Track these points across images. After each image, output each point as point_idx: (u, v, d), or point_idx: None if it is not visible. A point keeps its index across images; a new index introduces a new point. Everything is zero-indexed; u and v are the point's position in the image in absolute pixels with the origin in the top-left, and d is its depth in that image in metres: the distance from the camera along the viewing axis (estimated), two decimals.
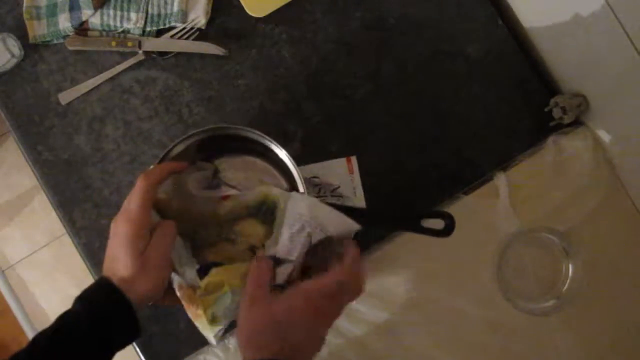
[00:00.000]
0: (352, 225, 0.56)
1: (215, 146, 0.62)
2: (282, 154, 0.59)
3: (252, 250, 0.60)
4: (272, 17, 0.70)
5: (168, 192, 0.59)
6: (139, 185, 0.53)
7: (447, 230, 0.55)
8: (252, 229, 0.61)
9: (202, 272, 0.57)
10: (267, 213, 0.60)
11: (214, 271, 0.57)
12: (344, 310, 0.53)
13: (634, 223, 0.69)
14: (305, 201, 0.57)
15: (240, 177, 0.64)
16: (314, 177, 0.68)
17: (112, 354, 0.51)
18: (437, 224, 0.55)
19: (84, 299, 0.51)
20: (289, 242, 0.57)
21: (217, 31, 0.71)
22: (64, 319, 0.50)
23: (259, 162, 0.65)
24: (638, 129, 0.61)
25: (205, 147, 0.62)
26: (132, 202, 0.52)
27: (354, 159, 0.68)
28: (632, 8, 0.50)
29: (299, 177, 0.59)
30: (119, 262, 0.51)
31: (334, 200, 0.67)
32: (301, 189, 0.59)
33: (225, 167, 0.64)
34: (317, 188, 0.68)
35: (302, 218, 0.56)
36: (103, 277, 0.52)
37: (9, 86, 0.72)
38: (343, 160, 0.68)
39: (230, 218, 0.61)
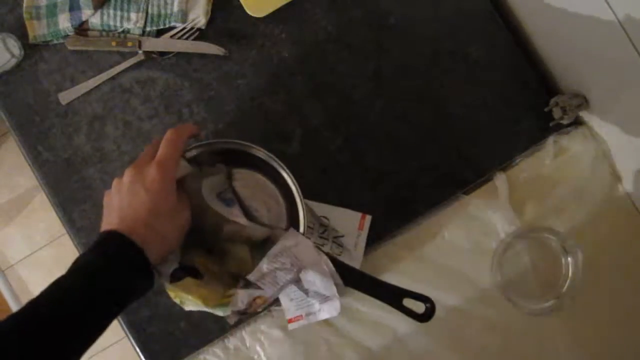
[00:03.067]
0: (337, 281, 0.56)
1: (230, 156, 0.62)
2: (294, 188, 0.59)
3: (236, 278, 0.60)
4: (272, 17, 0.70)
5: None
6: (170, 138, 0.53)
7: (427, 315, 0.55)
8: (243, 254, 0.61)
9: (180, 273, 0.57)
10: (262, 248, 0.60)
11: (187, 281, 0.57)
12: None
13: (634, 223, 0.69)
14: (298, 239, 0.57)
15: (248, 193, 0.63)
16: (324, 216, 0.68)
17: (126, 306, 0.50)
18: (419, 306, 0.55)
19: (101, 252, 0.49)
20: (265, 269, 0.57)
21: (217, 31, 0.71)
22: (80, 274, 0.49)
23: (269, 185, 0.64)
24: (638, 129, 0.61)
25: (219, 155, 0.61)
26: (164, 151, 0.52)
27: (368, 218, 0.68)
28: (632, 8, 0.50)
29: (303, 216, 0.59)
30: (140, 211, 0.50)
31: (333, 246, 0.68)
32: (301, 227, 0.59)
33: (236, 177, 0.64)
34: (322, 228, 0.68)
35: (289, 251, 0.57)
36: (114, 230, 0.50)
37: (9, 86, 0.72)
38: (358, 215, 0.68)
39: (228, 238, 0.61)
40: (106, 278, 0.48)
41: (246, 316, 0.61)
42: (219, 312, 0.60)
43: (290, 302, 0.65)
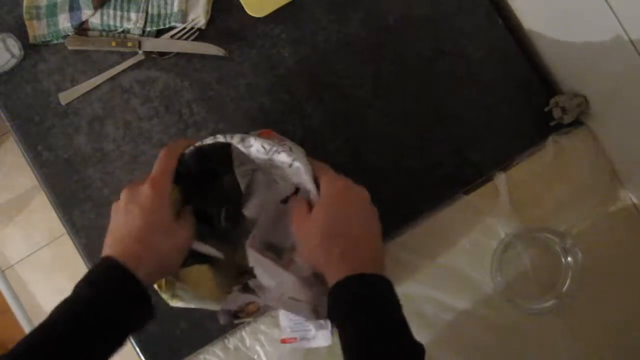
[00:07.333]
0: None
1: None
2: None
3: (241, 273, 0.60)
4: (272, 17, 0.70)
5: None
6: (160, 154, 0.54)
7: None
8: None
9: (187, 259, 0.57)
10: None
11: (195, 268, 0.57)
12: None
13: (634, 223, 0.69)
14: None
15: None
16: None
17: (126, 336, 0.50)
18: None
19: (90, 283, 0.49)
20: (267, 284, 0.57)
21: (217, 31, 0.71)
22: (69, 307, 0.48)
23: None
24: (638, 129, 0.61)
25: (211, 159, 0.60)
26: (156, 169, 0.52)
27: None
28: (632, 8, 0.50)
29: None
30: (133, 228, 0.50)
31: None
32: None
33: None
34: None
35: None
36: (108, 257, 0.50)
37: (9, 86, 0.72)
38: None
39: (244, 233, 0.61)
40: (94, 308, 0.48)
41: (238, 320, 0.61)
42: (215, 306, 0.59)
43: (289, 322, 0.65)
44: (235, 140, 0.56)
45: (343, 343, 0.48)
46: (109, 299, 0.48)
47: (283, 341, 0.67)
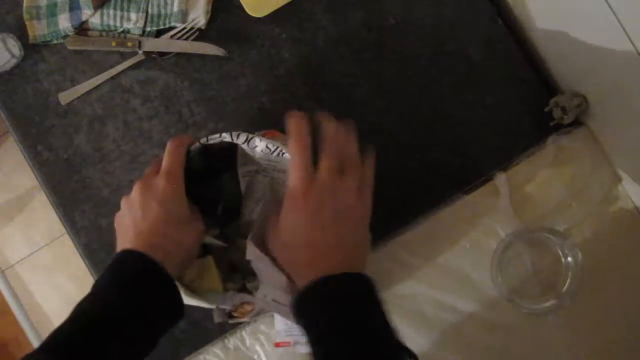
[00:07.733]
0: None
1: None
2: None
3: (233, 270, 0.60)
4: (272, 17, 0.70)
5: None
6: (169, 146, 0.53)
7: None
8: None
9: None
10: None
11: (200, 260, 0.57)
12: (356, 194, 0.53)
13: (634, 223, 0.69)
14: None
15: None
16: None
17: (158, 336, 0.48)
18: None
19: (116, 276, 0.47)
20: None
21: (217, 31, 0.71)
22: (94, 304, 0.46)
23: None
24: (638, 129, 0.61)
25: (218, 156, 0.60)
26: (169, 161, 0.52)
27: None
28: (632, 8, 0.50)
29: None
30: (154, 222, 0.49)
31: None
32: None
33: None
34: None
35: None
36: (130, 250, 0.48)
37: (9, 86, 0.72)
38: None
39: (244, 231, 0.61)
40: (124, 303, 0.46)
41: (233, 319, 0.61)
42: (210, 303, 0.60)
43: (283, 325, 0.65)
44: (240, 139, 0.56)
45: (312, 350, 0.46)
46: (139, 292, 0.47)
47: (277, 345, 0.66)
